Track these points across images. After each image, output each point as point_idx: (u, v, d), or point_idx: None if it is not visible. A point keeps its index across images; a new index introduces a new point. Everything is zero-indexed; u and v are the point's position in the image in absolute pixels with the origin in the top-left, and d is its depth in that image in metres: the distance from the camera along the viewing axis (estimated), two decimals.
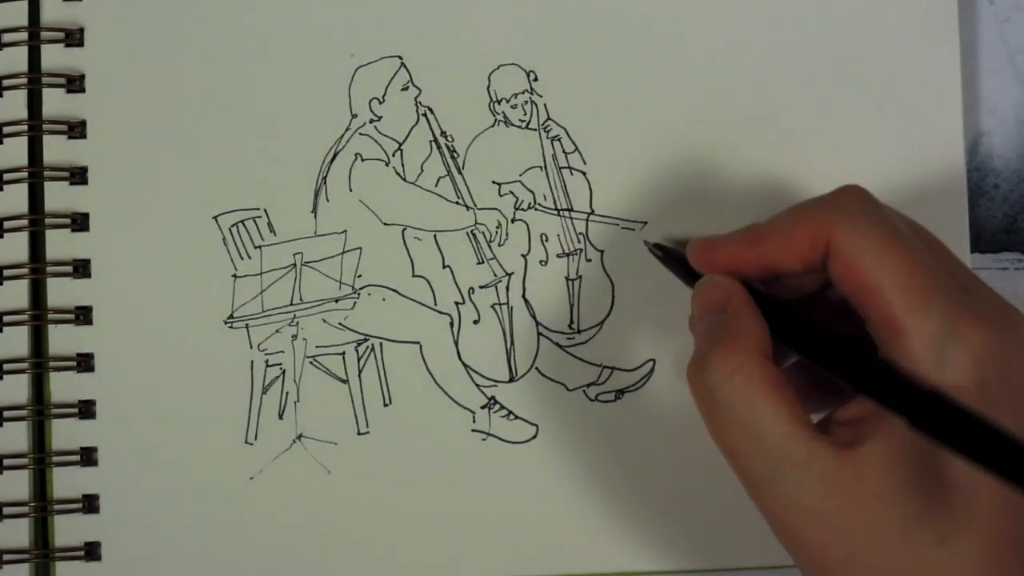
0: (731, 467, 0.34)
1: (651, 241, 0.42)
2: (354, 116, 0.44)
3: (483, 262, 0.44)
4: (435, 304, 0.43)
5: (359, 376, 0.43)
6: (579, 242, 0.44)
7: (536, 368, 0.44)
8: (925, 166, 0.44)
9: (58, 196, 0.43)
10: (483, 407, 0.43)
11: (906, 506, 0.31)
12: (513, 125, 0.44)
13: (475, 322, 0.44)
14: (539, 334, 0.44)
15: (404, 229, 0.44)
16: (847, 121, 0.44)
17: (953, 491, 0.31)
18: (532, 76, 0.44)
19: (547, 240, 0.44)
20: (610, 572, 0.43)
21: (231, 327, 0.43)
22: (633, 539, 0.43)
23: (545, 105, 0.44)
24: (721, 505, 0.43)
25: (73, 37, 0.44)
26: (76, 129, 0.43)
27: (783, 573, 0.40)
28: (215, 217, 0.43)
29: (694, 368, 0.34)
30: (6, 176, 0.43)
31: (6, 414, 0.43)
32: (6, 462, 0.43)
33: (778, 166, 0.44)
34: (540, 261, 0.44)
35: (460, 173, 0.44)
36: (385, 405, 0.43)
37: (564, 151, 0.44)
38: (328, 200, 0.43)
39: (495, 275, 0.44)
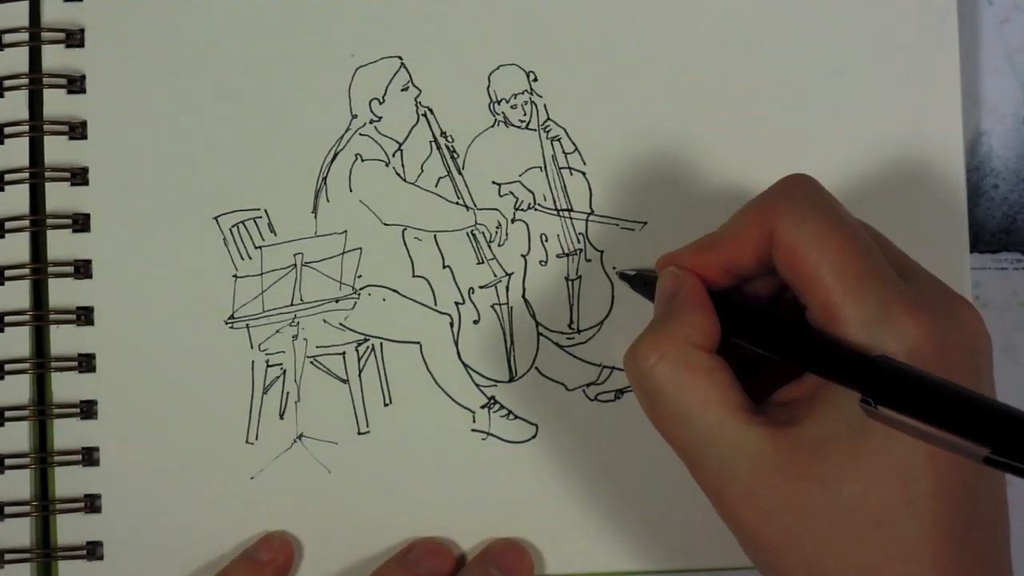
0: (671, 448, 0.35)
1: (619, 269, 0.43)
2: (354, 116, 0.44)
3: (483, 262, 0.44)
4: (435, 304, 0.44)
5: (359, 376, 0.43)
6: (579, 242, 0.44)
7: (536, 368, 0.44)
8: (924, 166, 0.44)
9: (59, 197, 0.43)
10: (483, 407, 0.43)
11: (840, 488, 0.31)
12: (513, 125, 0.44)
13: (475, 322, 0.44)
14: (539, 334, 0.44)
15: (404, 229, 0.44)
16: (846, 121, 0.44)
17: (889, 474, 0.31)
18: (532, 76, 0.44)
19: (547, 240, 0.44)
20: (610, 572, 0.43)
21: (232, 327, 0.43)
22: (633, 539, 0.43)
23: (545, 105, 0.44)
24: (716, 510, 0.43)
25: (74, 38, 0.44)
26: (77, 130, 0.43)
27: None
28: (216, 217, 0.43)
29: (627, 356, 0.35)
30: (7, 177, 0.43)
31: (8, 414, 0.43)
32: (8, 462, 0.43)
33: (778, 166, 0.43)
34: (540, 261, 0.44)
35: (460, 173, 0.44)
36: (385, 405, 0.43)
37: (564, 151, 0.44)
38: (328, 200, 0.44)
39: (495, 275, 0.44)
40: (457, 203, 0.44)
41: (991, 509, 0.32)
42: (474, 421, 0.43)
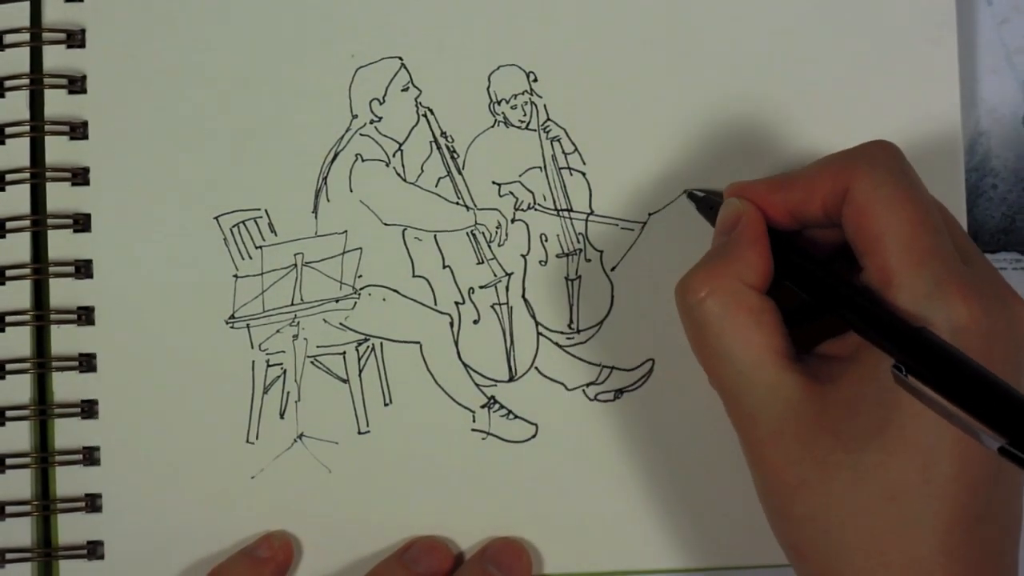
0: (709, 381, 0.35)
1: (689, 189, 0.43)
2: (354, 117, 0.44)
3: (483, 262, 0.44)
4: (435, 304, 0.44)
5: (360, 376, 0.43)
6: (579, 242, 0.44)
7: (536, 368, 0.44)
8: (923, 166, 0.44)
9: (60, 197, 0.43)
10: (483, 407, 0.43)
11: (861, 453, 0.32)
12: (513, 126, 0.44)
13: (475, 322, 0.44)
14: (539, 334, 0.44)
15: (404, 229, 0.44)
16: (846, 121, 0.44)
17: (911, 449, 0.31)
18: (532, 77, 0.44)
19: (547, 240, 0.44)
20: (609, 571, 0.43)
21: (232, 327, 0.43)
22: (632, 538, 0.43)
23: (545, 106, 0.44)
24: (720, 504, 0.43)
25: (75, 38, 0.44)
26: (78, 130, 0.44)
27: (783, 572, 0.40)
28: (216, 217, 0.43)
29: (678, 287, 0.35)
30: (8, 177, 0.43)
31: (9, 414, 0.43)
32: (9, 461, 0.43)
33: (777, 167, 0.44)
34: (540, 261, 0.44)
35: (460, 173, 0.44)
36: (385, 405, 0.43)
37: (564, 151, 0.44)
38: (329, 200, 0.44)
39: (495, 275, 0.44)
40: (457, 203, 0.44)
41: (1005, 506, 0.32)
42: (474, 421, 0.43)
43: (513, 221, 0.44)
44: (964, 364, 0.29)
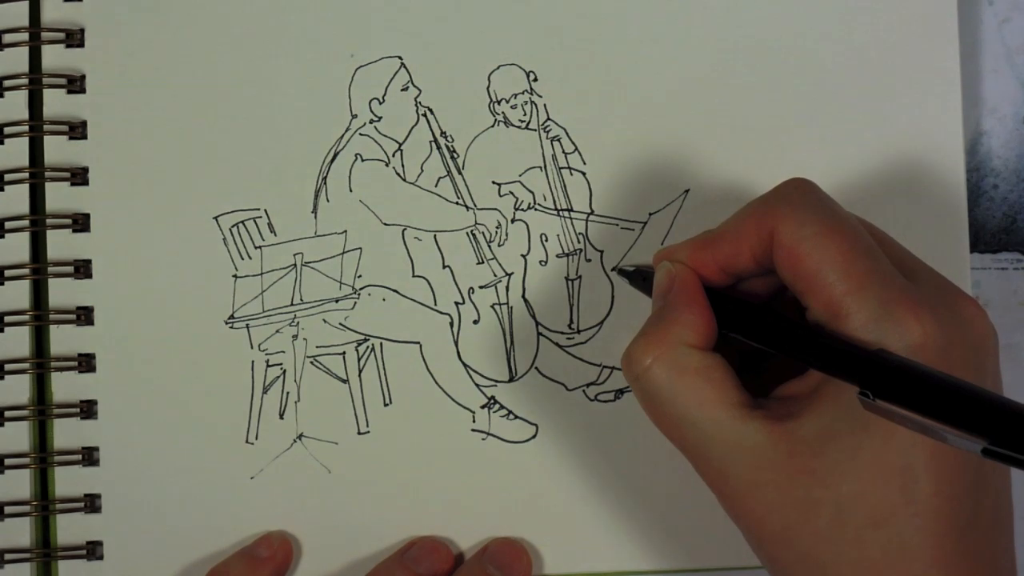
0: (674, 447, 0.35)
1: (618, 265, 0.43)
2: (354, 116, 0.44)
3: (483, 262, 0.44)
4: (435, 304, 0.44)
5: (359, 376, 0.43)
6: (579, 242, 0.44)
7: (536, 368, 0.44)
8: (924, 166, 0.44)
9: (59, 197, 0.43)
10: (483, 407, 0.43)
11: (839, 485, 0.31)
12: (513, 125, 0.44)
13: (475, 322, 0.44)
14: (539, 334, 0.44)
15: (404, 229, 0.44)
16: (847, 121, 0.44)
17: (888, 473, 0.31)
18: (532, 76, 0.44)
19: (547, 240, 0.44)
20: (609, 572, 0.43)
21: (232, 327, 0.43)
22: (632, 538, 0.43)
23: (545, 105, 0.44)
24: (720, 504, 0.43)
25: (74, 38, 0.44)
26: (77, 130, 0.43)
27: None
28: (215, 217, 0.43)
29: (623, 359, 0.35)
30: (7, 177, 0.43)
31: (8, 414, 0.43)
32: (8, 462, 0.43)
33: (777, 167, 0.44)
34: (540, 261, 0.44)
35: (460, 173, 0.44)
36: (385, 405, 0.43)
37: (564, 151, 0.44)
38: (328, 200, 0.44)
39: (495, 275, 0.44)
40: (457, 203, 0.44)
41: (993, 509, 0.32)
42: (474, 421, 0.43)
43: (513, 221, 0.44)
44: (929, 376, 0.29)
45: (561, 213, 0.44)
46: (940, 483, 0.31)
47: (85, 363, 0.43)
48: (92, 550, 0.43)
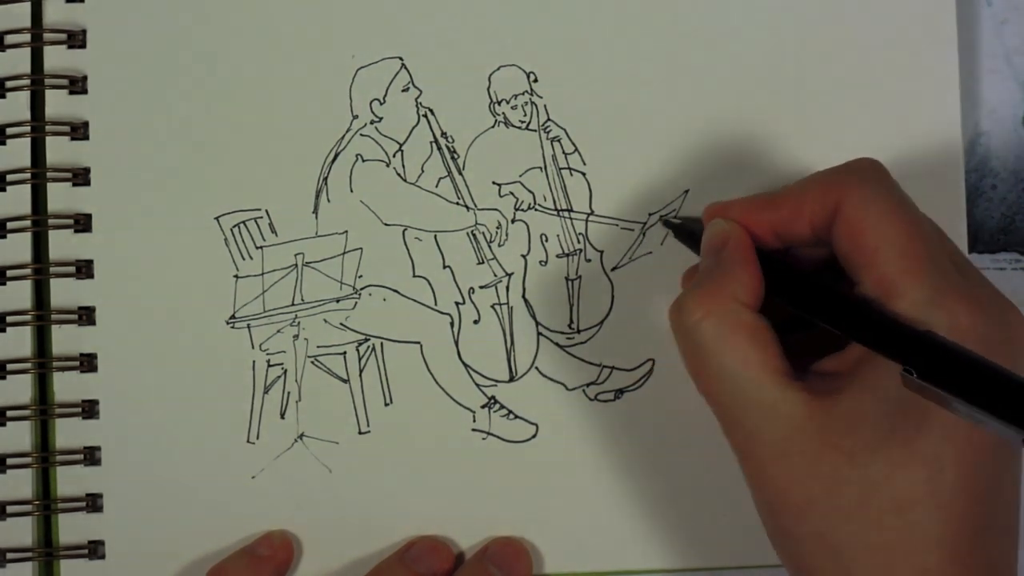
0: (707, 403, 0.35)
1: (664, 216, 0.42)
2: (355, 117, 0.44)
3: (483, 262, 0.44)
4: (435, 304, 0.44)
5: (360, 376, 0.43)
6: (579, 242, 0.44)
7: (536, 368, 0.44)
8: (923, 166, 0.44)
9: (61, 197, 0.43)
10: (483, 407, 0.44)
11: (868, 466, 0.31)
12: (513, 126, 0.44)
13: (475, 322, 0.44)
14: (539, 334, 0.44)
15: (405, 229, 0.44)
16: (845, 122, 0.44)
17: (917, 461, 0.31)
18: (532, 77, 0.44)
19: (547, 240, 0.44)
20: (609, 571, 0.43)
21: (233, 327, 0.43)
22: (632, 538, 0.43)
23: (545, 106, 0.44)
24: (720, 504, 0.43)
25: (75, 38, 0.44)
26: (79, 130, 0.44)
27: (781, 573, 0.40)
28: (217, 218, 0.43)
29: (673, 309, 0.35)
30: (9, 177, 0.43)
31: (10, 414, 0.43)
32: (10, 461, 0.43)
33: (777, 168, 0.44)
34: (540, 261, 0.44)
35: (460, 174, 0.44)
36: (386, 405, 0.43)
37: (564, 152, 0.44)
38: (329, 201, 0.44)
39: (495, 275, 0.44)
40: (457, 203, 0.44)
41: (1006, 513, 0.33)
42: (474, 421, 0.43)
43: (513, 221, 0.44)
44: (976, 362, 0.29)
45: (561, 213, 0.44)
46: (967, 480, 0.31)
47: (87, 363, 0.43)
48: (94, 549, 0.43)
